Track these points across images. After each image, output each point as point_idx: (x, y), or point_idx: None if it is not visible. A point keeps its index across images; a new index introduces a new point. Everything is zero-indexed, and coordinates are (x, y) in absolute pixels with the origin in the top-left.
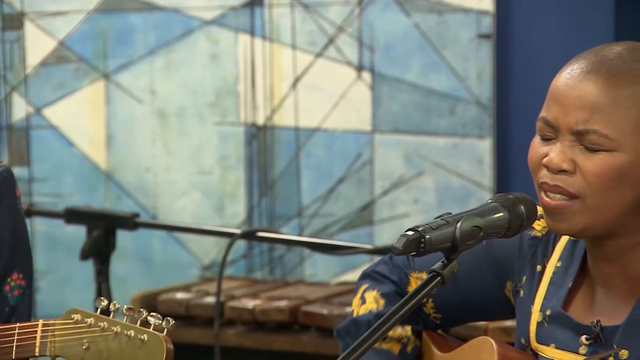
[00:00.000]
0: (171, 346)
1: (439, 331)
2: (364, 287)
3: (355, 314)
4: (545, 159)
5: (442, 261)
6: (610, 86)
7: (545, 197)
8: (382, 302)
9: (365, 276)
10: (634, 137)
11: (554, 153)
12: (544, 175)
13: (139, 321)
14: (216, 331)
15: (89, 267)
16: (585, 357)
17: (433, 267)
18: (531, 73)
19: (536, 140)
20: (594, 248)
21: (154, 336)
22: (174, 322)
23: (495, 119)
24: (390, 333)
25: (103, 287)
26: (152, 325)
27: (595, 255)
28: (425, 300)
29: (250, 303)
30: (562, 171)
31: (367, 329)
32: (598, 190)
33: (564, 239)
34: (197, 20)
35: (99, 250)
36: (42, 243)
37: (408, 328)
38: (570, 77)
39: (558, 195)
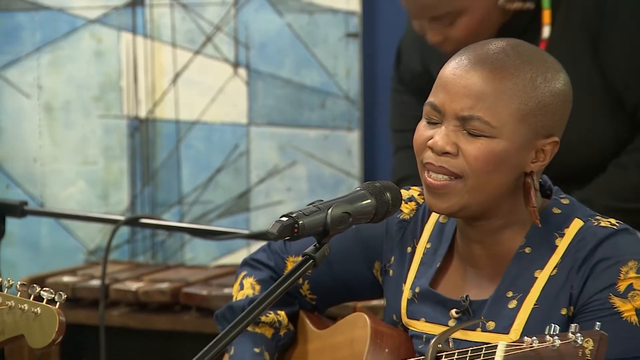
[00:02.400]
0: (63, 318)
1: (315, 313)
2: (243, 274)
3: (234, 300)
4: (430, 141)
5: (315, 245)
6: (495, 78)
7: (428, 178)
8: (257, 287)
9: (244, 264)
10: (513, 126)
11: (439, 136)
12: (429, 157)
13: (32, 296)
14: (101, 312)
15: None
16: (453, 326)
17: (306, 251)
18: None
19: (422, 123)
20: (466, 229)
21: (47, 309)
22: (66, 296)
23: (363, 112)
24: (263, 318)
25: None
26: (45, 299)
27: (466, 236)
28: (301, 282)
29: (133, 285)
30: (446, 153)
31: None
32: (478, 172)
33: (432, 221)
34: (82, 19)
35: None
36: None
37: (282, 313)
38: (457, 67)
39: (441, 176)
